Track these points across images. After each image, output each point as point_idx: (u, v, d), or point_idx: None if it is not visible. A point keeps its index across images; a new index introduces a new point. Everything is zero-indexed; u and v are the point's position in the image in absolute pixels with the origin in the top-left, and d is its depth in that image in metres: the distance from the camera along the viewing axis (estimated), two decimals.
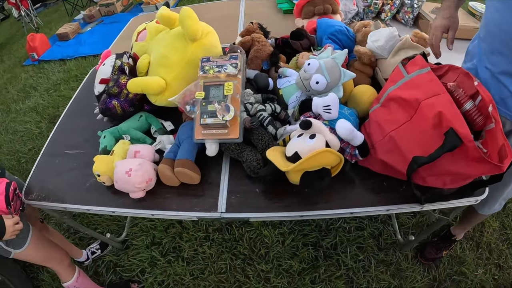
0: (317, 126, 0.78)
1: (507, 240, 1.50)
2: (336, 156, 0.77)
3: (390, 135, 0.81)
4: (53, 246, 1.22)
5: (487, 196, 0.92)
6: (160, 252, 1.60)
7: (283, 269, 1.47)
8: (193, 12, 0.96)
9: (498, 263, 1.43)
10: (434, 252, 1.41)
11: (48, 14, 5.20)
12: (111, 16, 4.29)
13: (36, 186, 1.07)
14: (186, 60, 1.00)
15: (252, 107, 0.91)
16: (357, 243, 1.52)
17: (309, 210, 0.83)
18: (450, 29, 0.96)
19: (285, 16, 1.73)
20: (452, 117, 0.67)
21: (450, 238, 1.42)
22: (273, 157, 0.78)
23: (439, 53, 0.98)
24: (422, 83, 0.79)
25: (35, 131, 2.54)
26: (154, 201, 0.92)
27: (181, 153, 0.88)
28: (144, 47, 1.16)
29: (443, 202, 0.81)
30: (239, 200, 0.87)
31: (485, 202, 1.07)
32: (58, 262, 1.21)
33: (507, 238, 1.51)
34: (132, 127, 1.07)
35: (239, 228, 1.62)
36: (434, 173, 0.75)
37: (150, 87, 0.98)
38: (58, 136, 1.26)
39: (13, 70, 3.62)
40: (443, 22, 0.95)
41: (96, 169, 0.96)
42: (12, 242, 1.03)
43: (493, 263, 1.43)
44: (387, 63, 1.08)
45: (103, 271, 1.57)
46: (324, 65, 0.91)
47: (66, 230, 1.80)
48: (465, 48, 1.64)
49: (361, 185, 0.88)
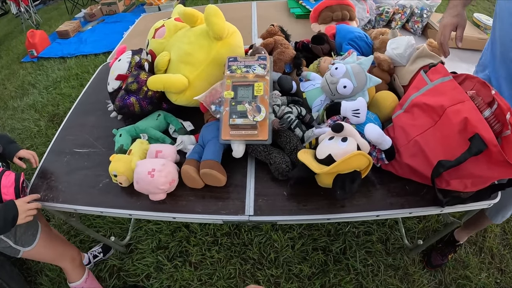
0: (348, 129, 0.78)
1: (508, 245, 1.54)
2: (367, 159, 0.77)
3: (415, 140, 0.83)
4: (65, 244, 1.18)
5: (501, 205, 0.95)
6: (166, 256, 1.56)
7: (293, 273, 1.45)
8: (219, 10, 0.94)
9: (500, 268, 1.46)
10: (440, 258, 1.43)
11: (47, 11, 5.11)
12: (112, 15, 4.24)
13: (43, 185, 1.01)
14: (210, 59, 0.98)
15: (279, 109, 0.90)
16: (365, 248, 1.52)
17: (337, 213, 0.82)
18: (459, 27, 0.98)
19: (298, 21, 1.75)
20: (477, 123, 0.71)
21: (454, 243, 1.43)
22: (305, 159, 0.77)
23: (448, 51, 1.00)
24: (446, 90, 0.82)
25: (33, 129, 2.46)
26: (176, 204, 0.89)
27: (207, 154, 0.86)
28: (163, 44, 1.14)
29: (462, 205, 0.84)
30: (267, 203, 0.84)
31: (499, 211, 1.10)
32: (70, 261, 1.17)
33: (508, 244, 1.54)
34: (150, 126, 1.04)
35: (248, 233, 1.59)
36: (458, 176, 0.78)
37: (173, 84, 0.96)
38: (66, 133, 1.21)
39: (11, 67, 3.53)
40: (452, 20, 0.97)
41: (113, 169, 0.92)
42: (21, 239, 0.99)
43: (495, 267, 1.46)
44: (405, 70, 1.10)
45: (106, 275, 1.52)
46: (351, 69, 0.91)
47: (67, 232, 1.73)
48: (470, 57, 1.69)
49: (384, 189, 0.88)
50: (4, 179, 0.90)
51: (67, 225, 1.76)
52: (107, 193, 0.96)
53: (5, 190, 0.89)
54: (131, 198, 0.93)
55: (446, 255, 1.43)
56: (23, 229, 1.00)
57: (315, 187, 0.85)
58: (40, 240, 1.04)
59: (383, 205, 0.84)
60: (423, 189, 0.86)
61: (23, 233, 1.00)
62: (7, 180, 0.91)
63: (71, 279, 1.21)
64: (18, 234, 0.99)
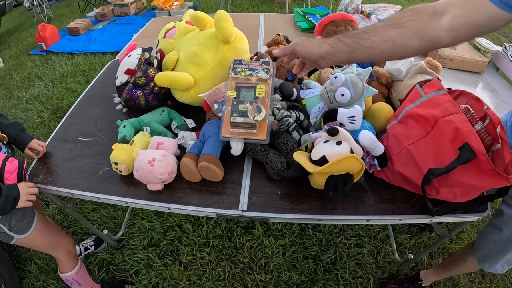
0: (343, 134, 0.81)
1: None
2: (360, 162, 0.80)
3: (407, 149, 0.86)
4: (61, 234, 1.18)
5: (491, 253, 0.99)
6: (157, 254, 1.56)
7: (282, 280, 1.45)
8: (228, 15, 0.99)
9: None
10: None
11: (59, 7, 5.23)
12: (123, 17, 4.34)
13: (43, 169, 1.04)
14: (217, 61, 1.02)
15: (278, 112, 0.94)
16: (356, 260, 1.53)
17: (328, 214, 0.85)
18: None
19: (303, 34, 1.81)
20: (468, 134, 0.74)
21: (416, 282, 1.38)
22: (300, 159, 0.80)
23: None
24: (440, 103, 0.85)
25: (36, 120, 2.50)
26: (172, 195, 0.91)
27: (207, 149, 0.89)
28: (172, 44, 1.19)
29: (451, 215, 0.86)
30: (261, 200, 0.87)
31: (487, 259, 1.04)
32: (65, 251, 1.16)
33: None
34: (154, 120, 1.08)
35: (240, 237, 1.60)
36: (448, 185, 0.80)
37: (179, 82, 1.00)
38: (71, 122, 1.24)
39: (19, 58, 3.59)
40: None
41: (114, 157, 0.95)
42: (16, 226, 0.99)
43: (485, 287, 1.46)
44: (402, 85, 1.14)
45: (95, 268, 1.52)
46: (349, 79, 0.96)
47: (60, 223, 1.74)
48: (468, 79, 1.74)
49: (376, 195, 0.91)
50: (8, 165, 0.92)
51: (61, 216, 1.77)
52: (106, 180, 0.98)
53: (8, 175, 0.91)
54: (129, 187, 0.96)
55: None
56: (18, 217, 1.00)
57: (308, 188, 0.88)
58: (35, 228, 1.04)
59: (374, 210, 0.86)
60: (414, 197, 0.89)
61: (19, 221, 1.00)
62: (11, 166, 0.92)
63: (63, 269, 1.20)
64: (14, 221, 0.98)
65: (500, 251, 0.98)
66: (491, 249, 1.00)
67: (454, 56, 1.74)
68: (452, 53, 1.76)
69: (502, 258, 1.00)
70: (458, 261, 1.17)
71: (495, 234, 0.97)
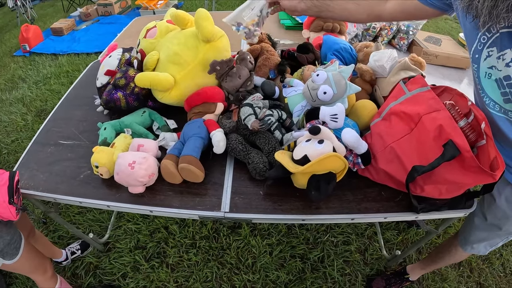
0: (325, 133, 0.80)
1: (487, 259, 1.57)
2: (343, 161, 0.79)
3: (391, 146, 0.85)
4: (40, 256, 1.12)
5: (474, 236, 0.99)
6: (143, 256, 1.54)
7: (270, 279, 1.45)
8: (209, 14, 0.98)
9: (478, 281, 1.49)
10: (382, 286, 1.40)
11: (43, 7, 5.11)
12: (108, 16, 4.27)
13: (25, 174, 1.01)
14: (197, 60, 1.01)
15: (260, 111, 0.93)
16: (344, 257, 1.54)
17: (312, 214, 0.84)
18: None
19: (287, 32, 1.80)
20: (452, 130, 0.73)
21: (403, 276, 1.40)
22: (282, 159, 0.79)
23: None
24: (424, 100, 0.84)
25: (20, 123, 2.43)
26: (153, 198, 0.90)
27: (186, 150, 0.87)
28: (153, 44, 1.17)
29: (437, 212, 0.86)
30: (243, 201, 0.86)
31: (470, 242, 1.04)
32: (42, 273, 1.12)
33: (487, 258, 1.57)
34: (135, 122, 1.06)
35: (227, 237, 1.59)
36: (432, 182, 0.80)
37: (159, 82, 0.98)
38: (52, 125, 1.21)
39: (2, 59, 3.50)
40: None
41: (95, 160, 0.92)
42: (4, 252, 0.93)
43: (474, 281, 1.48)
44: (386, 82, 1.14)
45: (82, 273, 1.50)
46: (332, 77, 0.95)
47: (45, 228, 1.70)
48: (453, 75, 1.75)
49: (360, 194, 0.90)
50: None
51: (47, 220, 1.73)
52: (87, 184, 0.96)
53: None
54: (110, 190, 0.94)
55: (391, 285, 1.39)
56: (7, 241, 0.94)
57: (291, 188, 0.87)
58: (22, 253, 0.99)
59: (359, 209, 0.86)
60: (399, 195, 0.88)
61: (6, 245, 0.94)
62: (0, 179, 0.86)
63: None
64: (2, 245, 0.92)
65: (483, 235, 0.99)
66: (475, 232, 1.01)
67: (439, 52, 1.76)
68: (437, 49, 1.78)
69: (485, 240, 1.01)
70: (443, 252, 1.19)
71: (478, 219, 0.97)
